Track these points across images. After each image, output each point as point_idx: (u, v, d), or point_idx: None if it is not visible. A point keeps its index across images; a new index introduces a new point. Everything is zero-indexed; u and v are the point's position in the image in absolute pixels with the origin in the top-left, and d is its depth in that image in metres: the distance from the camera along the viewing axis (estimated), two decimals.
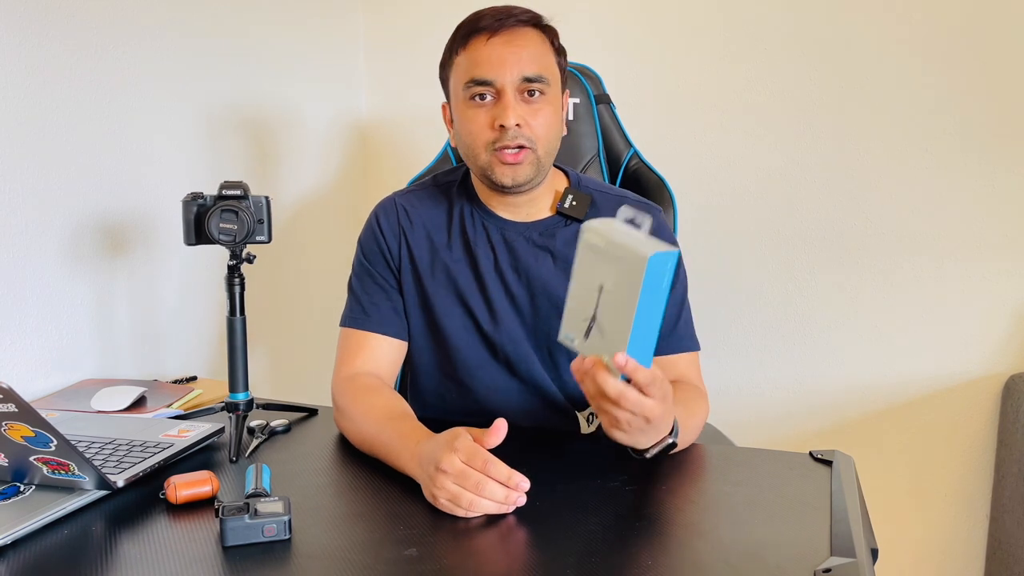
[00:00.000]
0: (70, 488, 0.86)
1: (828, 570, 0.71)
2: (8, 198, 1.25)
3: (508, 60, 1.03)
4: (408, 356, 1.18)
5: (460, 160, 1.40)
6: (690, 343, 1.15)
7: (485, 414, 1.07)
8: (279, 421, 1.14)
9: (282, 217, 1.84)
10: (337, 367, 1.13)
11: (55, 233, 1.32)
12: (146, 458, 0.94)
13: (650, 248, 0.71)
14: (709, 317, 1.68)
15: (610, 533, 0.79)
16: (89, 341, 1.39)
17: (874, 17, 1.62)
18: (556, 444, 1.05)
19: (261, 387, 1.34)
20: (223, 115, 1.66)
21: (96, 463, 0.88)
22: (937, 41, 1.58)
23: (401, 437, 0.94)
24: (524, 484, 0.82)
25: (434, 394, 1.19)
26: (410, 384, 1.23)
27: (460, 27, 1.08)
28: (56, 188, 1.32)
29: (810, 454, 0.99)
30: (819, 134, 1.69)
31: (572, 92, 1.42)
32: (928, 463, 1.70)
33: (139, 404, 1.21)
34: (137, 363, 1.48)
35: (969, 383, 1.65)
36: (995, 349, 1.62)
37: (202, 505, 0.87)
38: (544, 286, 1.11)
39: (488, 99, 1.05)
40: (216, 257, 1.62)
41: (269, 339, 1.83)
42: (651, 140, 1.63)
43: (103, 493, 0.88)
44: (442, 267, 1.14)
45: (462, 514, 0.82)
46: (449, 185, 1.19)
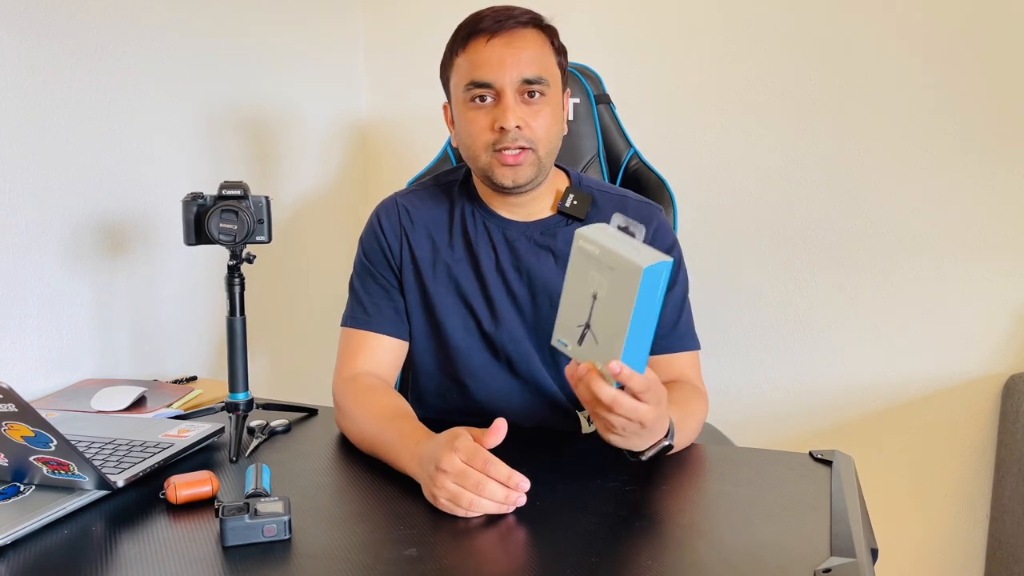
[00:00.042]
0: (70, 488, 0.86)
1: (828, 570, 0.71)
2: (8, 198, 1.25)
3: (508, 62, 1.03)
4: (409, 356, 1.18)
5: (460, 160, 1.40)
6: (690, 342, 1.15)
7: (486, 414, 1.07)
8: (279, 421, 1.14)
9: (282, 217, 1.84)
10: (338, 367, 1.13)
11: (55, 233, 1.32)
12: (146, 458, 0.94)
13: (645, 258, 0.71)
14: (709, 317, 1.68)
15: (610, 533, 0.79)
16: (89, 341, 1.39)
17: (874, 17, 1.62)
18: (556, 444, 1.05)
19: (261, 387, 1.34)
20: (223, 115, 1.66)
21: (96, 463, 0.88)
22: (937, 41, 1.58)
23: (401, 437, 0.94)
24: (524, 484, 0.82)
25: (435, 394, 1.19)
26: (411, 384, 1.23)
27: (460, 28, 1.08)
28: (56, 188, 1.32)
29: (810, 454, 0.99)
30: (819, 134, 1.69)
31: (572, 92, 1.42)
32: (928, 463, 1.70)
33: (139, 404, 1.21)
34: (137, 363, 1.49)
35: (969, 383, 1.65)
36: (995, 349, 1.62)
37: (202, 505, 0.87)
38: (545, 285, 1.11)
39: (488, 101, 1.05)
40: (216, 257, 1.62)
41: (269, 339, 1.83)
42: (651, 140, 1.63)
43: (103, 493, 0.88)
44: (443, 267, 1.14)
45: (462, 514, 0.82)
46: (450, 185, 1.19)
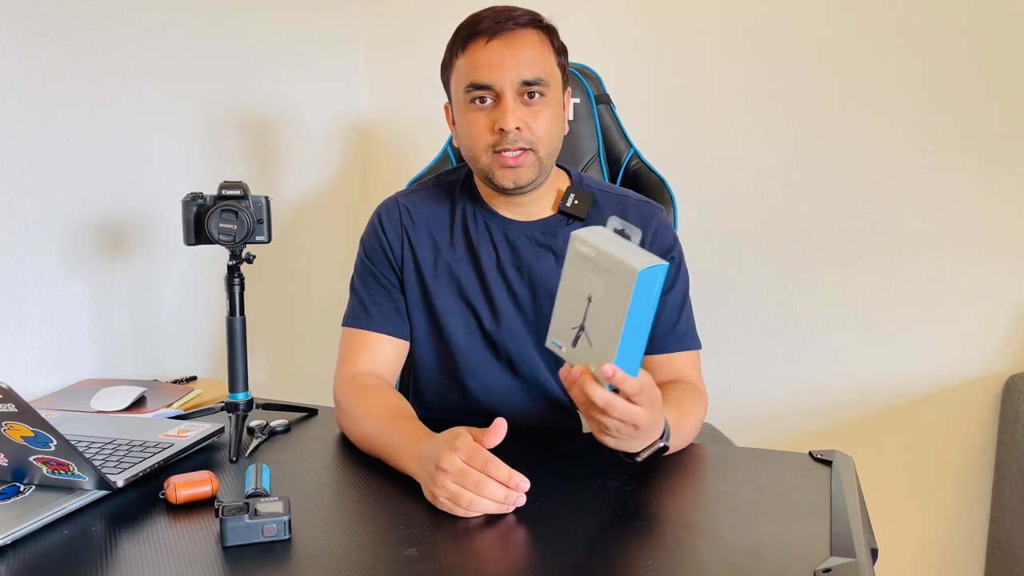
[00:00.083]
0: (70, 488, 0.86)
1: (828, 570, 0.71)
2: (8, 198, 1.25)
3: (507, 63, 1.03)
4: (410, 356, 1.18)
5: (461, 160, 1.40)
6: (691, 342, 1.15)
7: (487, 413, 1.07)
8: (279, 421, 1.14)
9: (282, 217, 1.84)
10: (339, 367, 1.13)
11: (55, 233, 1.32)
12: (146, 458, 0.94)
13: (640, 261, 0.71)
14: (709, 317, 1.68)
15: (610, 533, 0.79)
16: (89, 341, 1.39)
17: (874, 17, 1.62)
18: (556, 444, 1.05)
19: (261, 387, 1.34)
20: (223, 115, 1.66)
21: (96, 463, 0.88)
22: (937, 41, 1.58)
23: (402, 436, 0.94)
24: (524, 484, 0.82)
25: (436, 394, 1.19)
26: (412, 383, 1.23)
27: (460, 29, 1.08)
28: (56, 188, 1.32)
29: (810, 454, 0.99)
30: (819, 134, 1.69)
31: (572, 92, 1.42)
32: (928, 463, 1.70)
33: (139, 404, 1.21)
34: (137, 363, 1.48)
35: (969, 383, 1.65)
36: (995, 349, 1.62)
37: (202, 505, 0.87)
38: (546, 285, 1.11)
39: (488, 102, 1.05)
40: (216, 257, 1.62)
41: (269, 339, 1.83)
42: (651, 140, 1.63)
43: (103, 493, 0.88)
44: (445, 266, 1.14)
45: (462, 513, 0.82)
46: (451, 184, 1.19)
